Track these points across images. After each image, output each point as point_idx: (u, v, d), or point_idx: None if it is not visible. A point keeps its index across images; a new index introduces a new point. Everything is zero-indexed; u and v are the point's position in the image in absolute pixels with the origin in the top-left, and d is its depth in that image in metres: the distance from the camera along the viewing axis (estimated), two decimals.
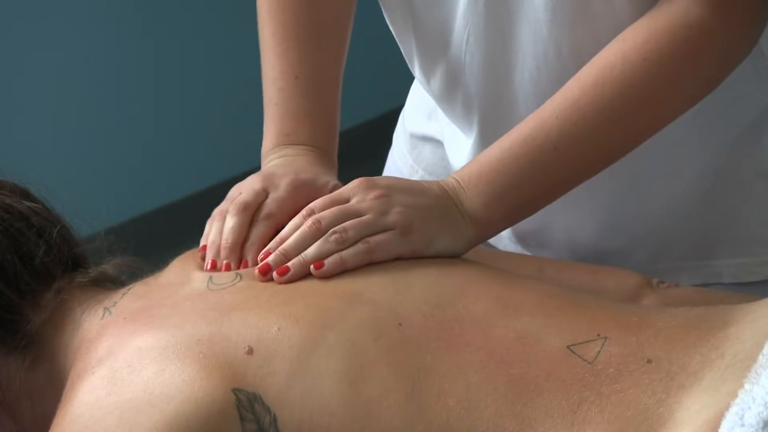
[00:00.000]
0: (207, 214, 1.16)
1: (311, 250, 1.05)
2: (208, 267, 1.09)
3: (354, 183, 1.10)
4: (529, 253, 1.31)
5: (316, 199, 1.10)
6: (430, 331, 0.98)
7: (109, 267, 1.15)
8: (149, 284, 1.09)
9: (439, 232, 1.07)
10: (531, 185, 1.09)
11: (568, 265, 1.19)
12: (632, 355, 0.94)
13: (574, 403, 0.92)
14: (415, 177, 1.42)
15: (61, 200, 1.17)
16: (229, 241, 1.10)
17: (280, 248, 1.06)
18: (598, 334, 0.96)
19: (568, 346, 0.96)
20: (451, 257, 1.08)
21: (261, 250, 1.08)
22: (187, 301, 1.03)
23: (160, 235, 2.48)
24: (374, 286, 1.02)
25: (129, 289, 1.09)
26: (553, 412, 0.92)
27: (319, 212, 1.07)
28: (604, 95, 1.07)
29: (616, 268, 1.17)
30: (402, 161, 1.45)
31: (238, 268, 1.09)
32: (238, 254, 1.10)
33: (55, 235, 1.12)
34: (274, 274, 1.04)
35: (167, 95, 3.17)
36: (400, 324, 0.98)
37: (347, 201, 1.08)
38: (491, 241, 1.34)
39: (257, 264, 1.06)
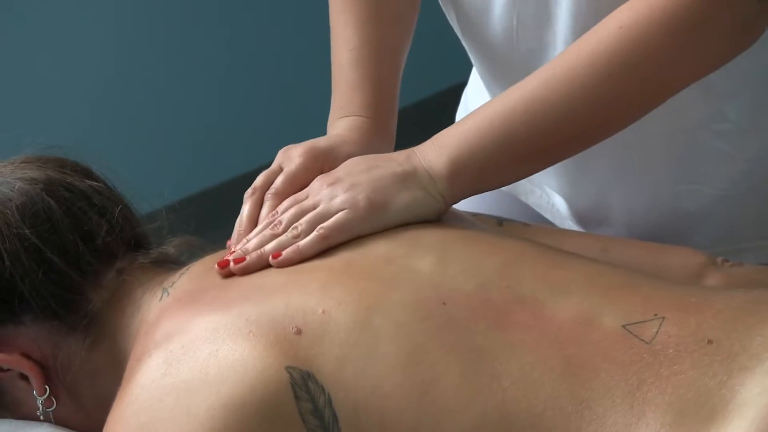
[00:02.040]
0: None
1: (270, 245, 1.06)
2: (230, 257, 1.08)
3: (313, 181, 1.11)
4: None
5: (331, 167, 1.12)
6: (476, 311, 0.97)
7: (170, 247, 1.16)
8: (205, 265, 1.09)
9: (394, 196, 1.07)
10: (501, 148, 1.07)
11: (632, 243, 1.16)
12: (691, 335, 0.92)
13: (633, 384, 0.91)
14: None
15: (122, 179, 1.17)
16: (242, 227, 1.11)
17: (240, 248, 1.07)
18: (655, 314, 0.94)
19: (623, 326, 0.94)
20: (430, 220, 1.08)
21: None
22: (233, 282, 1.04)
23: (222, 212, 2.49)
24: (411, 264, 1.01)
25: (187, 269, 1.09)
26: (612, 393, 0.91)
27: (281, 214, 1.09)
28: (579, 62, 1.03)
29: (680, 247, 1.14)
30: None
31: None
32: None
33: (117, 214, 1.12)
34: (231, 262, 1.05)
35: (227, 73, 3.17)
36: (444, 303, 0.97)
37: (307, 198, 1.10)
38: (554, 221, 1.33)
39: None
